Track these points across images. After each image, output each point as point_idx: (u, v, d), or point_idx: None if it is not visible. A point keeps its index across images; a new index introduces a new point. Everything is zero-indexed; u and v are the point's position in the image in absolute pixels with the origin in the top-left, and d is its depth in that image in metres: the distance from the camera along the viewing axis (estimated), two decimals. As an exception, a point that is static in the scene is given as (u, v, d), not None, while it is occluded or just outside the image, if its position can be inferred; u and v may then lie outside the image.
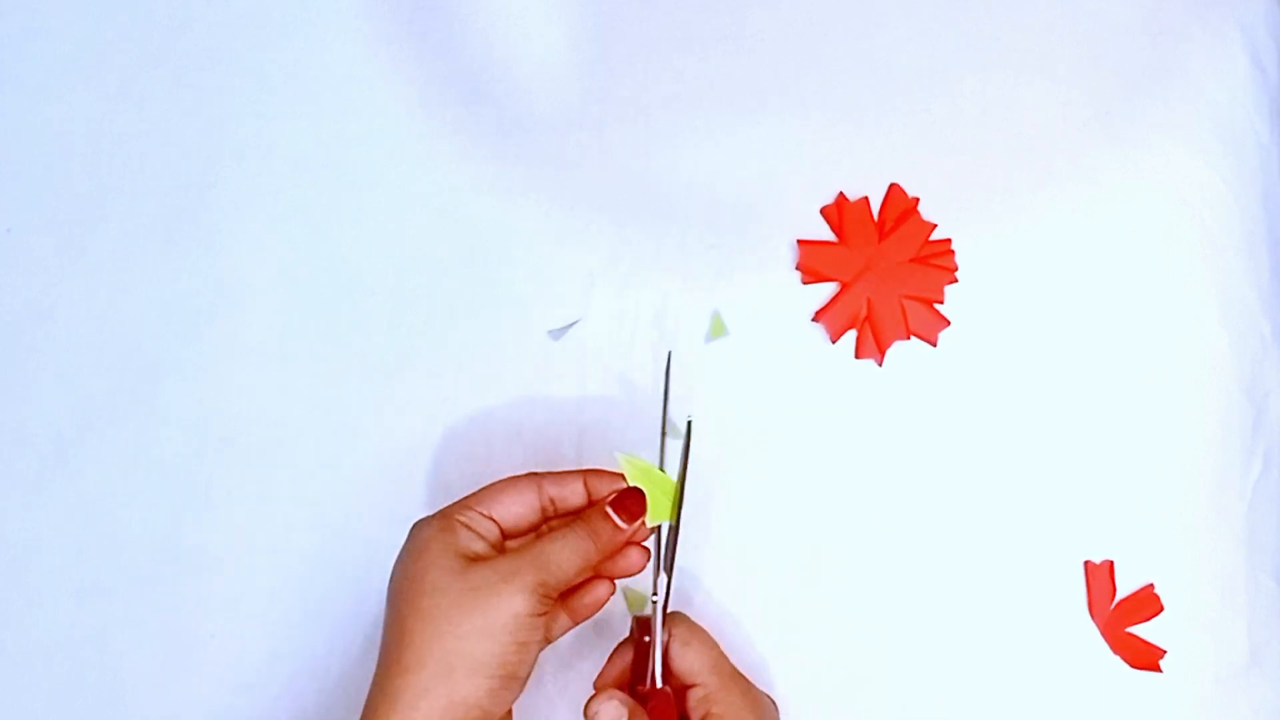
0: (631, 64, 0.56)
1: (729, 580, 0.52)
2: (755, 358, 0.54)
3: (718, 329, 0.54)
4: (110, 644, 0.51)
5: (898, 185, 0.55)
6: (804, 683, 0.51)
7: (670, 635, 0.44)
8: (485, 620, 0.38)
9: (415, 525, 0.42)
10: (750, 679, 0.44)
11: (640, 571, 0.44)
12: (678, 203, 0.55)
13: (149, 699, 0.51)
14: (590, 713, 0.41)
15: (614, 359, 0.54)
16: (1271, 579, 0.54)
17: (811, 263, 0.54)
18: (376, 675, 0.39)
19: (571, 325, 0.54)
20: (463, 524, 0.41)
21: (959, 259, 0.54)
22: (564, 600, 0.44)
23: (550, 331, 0.54)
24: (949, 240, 0.54)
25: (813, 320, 0.54)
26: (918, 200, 0.55)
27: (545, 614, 0.40)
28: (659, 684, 0.43)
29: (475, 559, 0.40)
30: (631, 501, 0.43)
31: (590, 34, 0.57)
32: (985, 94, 0.56)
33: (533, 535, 0.44)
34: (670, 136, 0.55)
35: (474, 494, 0.43)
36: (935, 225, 0.55)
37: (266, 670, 0.51)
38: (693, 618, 0.45)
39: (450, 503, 0.43)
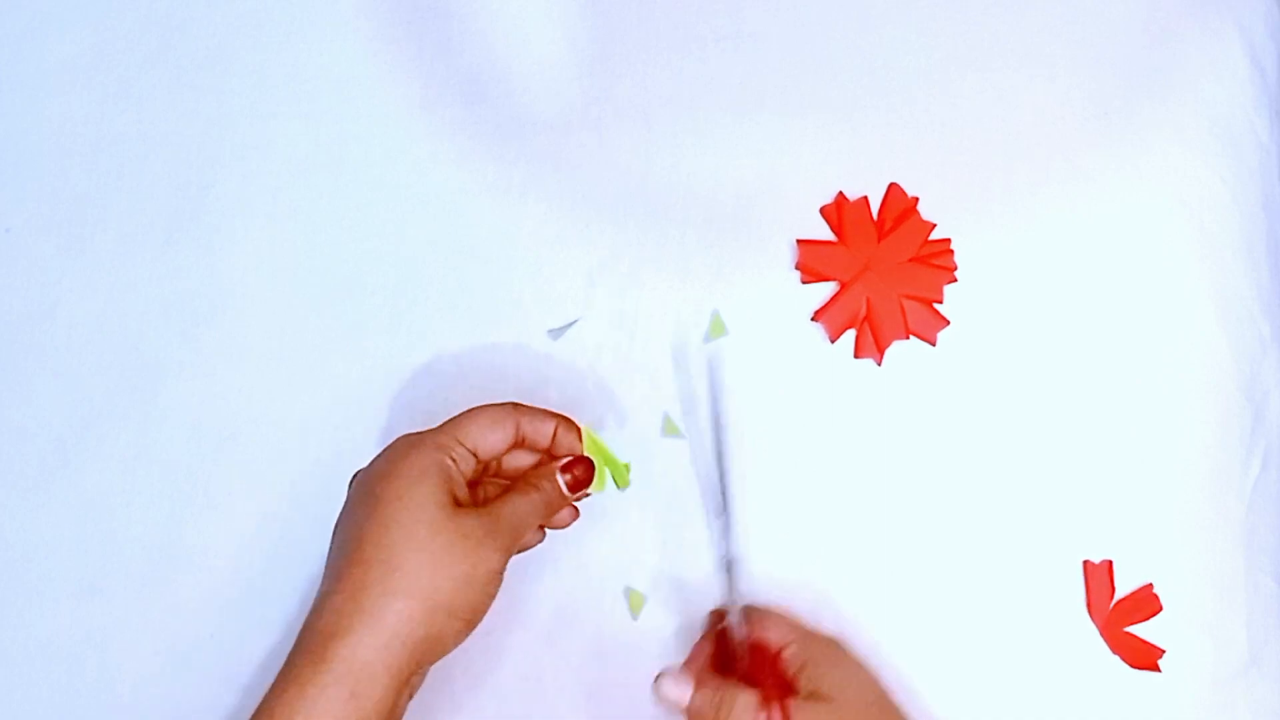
0: (631, 64, 0.56)
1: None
2: (755, 357, 0.54)
3: (717, 329, 0.54)
4: (110, 644, 0.51)
5: (897, 185, 0.55)
6: (803, 682, 0.51)
7: (749, 619, 0.45)
8: (471, 570, 0.40)
9: (405, 443, 0.43)
10: None
11: (565, 525, 0.47)
12: (677, 203, 0.55)
13: (149, 699, 0.51)
14: (656, 687, 0.44)
15: (614, 359, 0.54)
16: (1270, 579, 0.54)
17: (811, 262, 0.54)
18: (344, 586, 0.39)
19: (571, 325, 0.54)
20: (453, 460, 0.43)
21: (958, 259, 0.54)
22: None
23: (550, 331, 0.54)
24: (948, 240, 0.55)
25: (812, 320, 0.54)
26: (917, 200, 0.55)
27: (503, 571, 0.42)
28: (739, 638, 0.45)
29: (459, 504, 0.42)
30: (582, 470, 0.45)
31: (590, 34, 0.57)
32: (985, 94, 0.56)
33: (498, 488, 0.46)
34: (670, 136, 0.56)
35: (458, 420, 0.44)
36: (934, 225, 0.55)
37: (266, 670, 0.51)
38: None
39: (439, 426, 0.44)
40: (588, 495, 0.47)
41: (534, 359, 0.54)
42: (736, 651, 0.45)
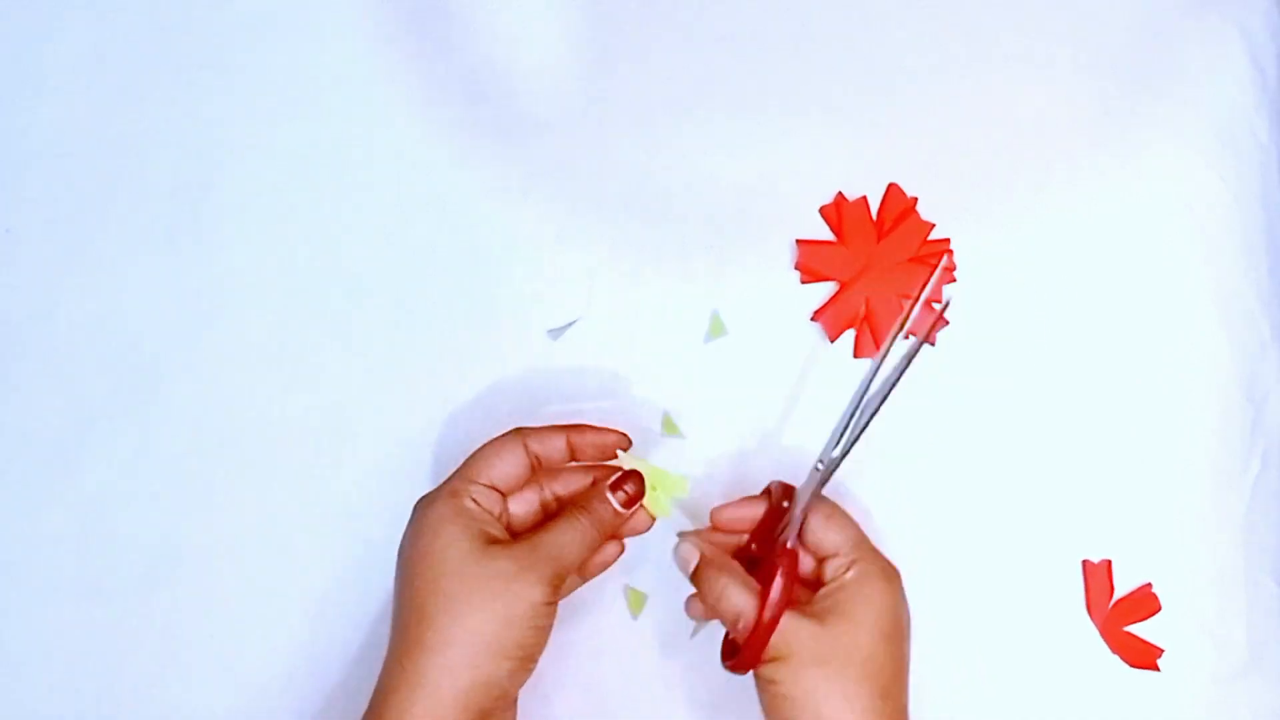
0: (631, 64, 0.56)
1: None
2: (754, 357, 0.54)
3: (716, 328, 0.54)
4: (110, 644, 0.51)
5: (896, 185, 0.55)
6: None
7: (814, 514, 0.45)
8: (507, 609, 0.40)
9: (423, 502, 0.44)
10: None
11: (642, 531, 0.46)
12: (677, 203, 0.55)
13: (149, 699, 0.51)
14: (677, 552, 0.45)
15: (614, 359, 0.54)
16: (1270, 579, 0.54)
17: (810, 262, 0.54)
18: (394, 653, 0.41)
19: (571, 325, 0.54)
20: (472, 502, 0.43)
21: (958, 259, 0.54)
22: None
23: (550, 331, 0.54)
24: (948, 240, 0.55)
25: (811, 319, 0.54)
26: (916, 200, 0.55)
27: (556, 600, 0.42)
28: (790, 543, 0.44)
29: (491, 540, 0.42)
30: (631, 484, 0.45)
31: (590, 34, 0.57)
32: (984, 94, 0.56)
33: (540, 515, 0.46)
34: (669, 136, 0.55)
35: (468, 463, 0.45)
36: (934, 225, 0.55)
37: (266, 670, 0.51)
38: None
39: (449, 476, 0.44)
40: (653, 519, 0.46)
41: (534, 359, 0.54)
42: (779, 534, 0.45)
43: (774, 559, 0.43)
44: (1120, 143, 0.56)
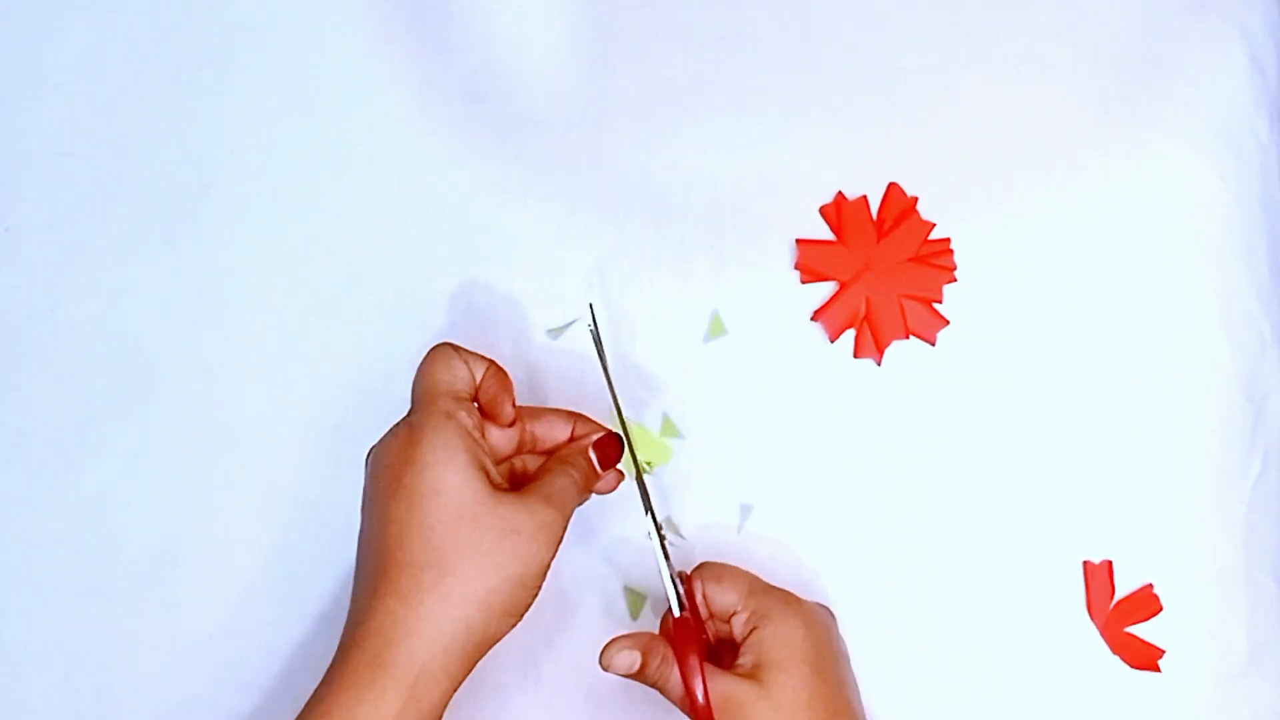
0: (631, 64, 0.56)
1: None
2: (754, 357, 0.54)
3: (716, 328, 0.54)
4: (110, 644, 0.51)
5: (896, 184, 0.55)
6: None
7: (703, 580, 0.45)
8: (523, 569, 0.39)
9: (417, 424, 0.41)
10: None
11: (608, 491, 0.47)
12: (677, 202, 0.55)
13: (149, 699, 0.51)
14: (603, 662, 0.43)
15: (614, 359, 0.54)
16: (1270, 579, 0.54)
17: (810, 262, 0.54)
18: (398, 591, 0.38)
19: (571, 325, 0.54)
20: (470, 426, 0.41)
21: (958, 258, 0.54)
22: None
23: (550, 331, 0.54)
24: (948, 239, 0.55)
25: (811, 319, 0.54)
26: (916, 199, 0.55)
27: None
28: (676, 614, 0.44)
29: (497, 486, 0.40)
30: (612, 448, 0.45)
31: (590, 34, 0.57)
32: (984, 93, 0.56)
33: (516, 452, 0.45)
34: (669, 136, 0.56)
35: (436, 379, 0.43)
36: (934, 224, 0.55)
37: (266, 670, 0.51)
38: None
39: (425, 396, 0.42)
40: (621, 478, 0.47)
41: (534, 359, 0.54)
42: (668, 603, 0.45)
43: (675, 632, 0.43)
44: (1120, 142, 0.56)
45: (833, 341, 0.54)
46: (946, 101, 0.56)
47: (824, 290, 0.54)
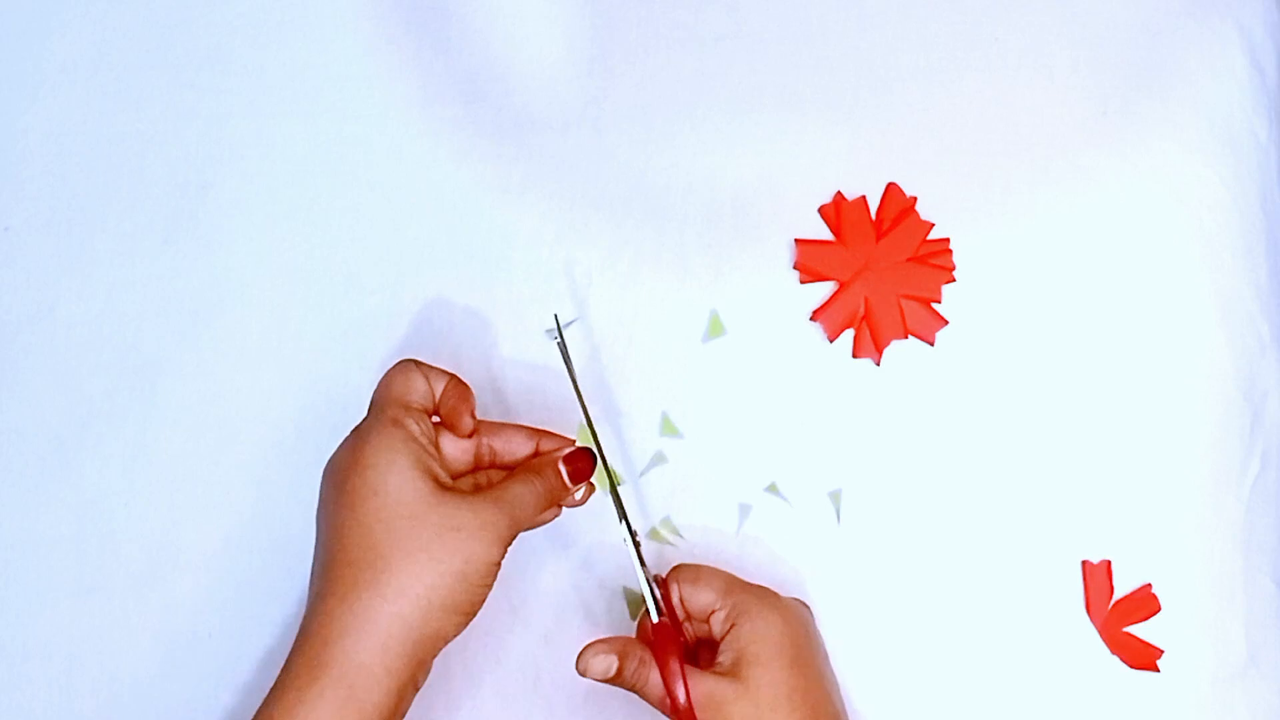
0: (630, 63, 0.56)
1: (727, 579, 0.52)
2: (753, 357, 0.54)
3: (715, 328, 0.54)
4: (110, 644, 0.51)
5: (895, 185, 0.55)
6: (802, 682, 0.51)
7: (679, 583, 0.46)
8: (464, 565, 0.39)
9: (361, 432, 0.42)
10: None
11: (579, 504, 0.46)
12: (676, 202, 0.55)
13: (149, 699, 0.51)
14: (579, 667, 0.43)
15: (612, 359, 0.54)
16: (1269, 579, 0.54)
17: (809, 262, 0.54)
18: (337, 592, 0.39)
19: (570, 325, 0.54)
20: (418, 431, 0.42)
21: (957, 258, 0.54)
22: None
23: (549, 331, 0.54)
24: (947, 239, 0.55)
25: (810, 319, 0.54)
26: (915, 199, 0.55)
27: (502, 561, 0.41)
28: (654, 619, 0.44)
29: (441, 483, 0.41)
30: (583, 462, 0.45)
31: (589, 33, 0.57)
32: (983, 93, 0.56)
33: (472, 466, 0.45)
34: (668, 136, 0.56)
35: (393, 390, 0.44)
36: (933, 225, 0.55)
37: (265, 670, 0.51)
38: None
39: (377, 405, 0.43)
40: (592, 491, 0.47)
41: (533, 358, 0.54)
42: (645, 609, 0.45)
43: (654, 637, 0.44)
44: (1119, 142, 0.56)
45: (832, 341, 0.54)
46: (946, 101, 0.56)
47: (823, 290, 0.54)
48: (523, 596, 0.52)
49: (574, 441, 0.46)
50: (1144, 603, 0.52)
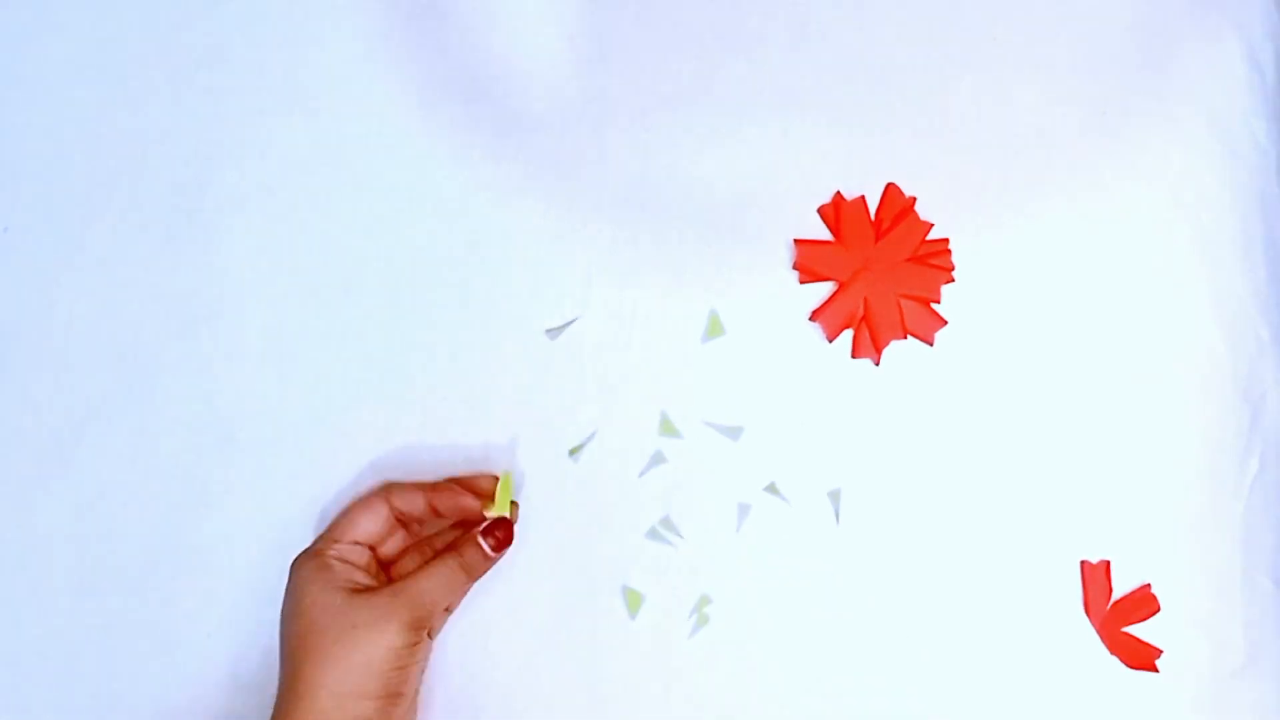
0: (629, 64, 0.56)
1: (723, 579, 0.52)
2: (752, 357, 0.54)
3: (715, 328, 0.54)
4: (109, 643, 0.51)
5: (894, 185, 0.55)
6: (797, 682, 0.51)
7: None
8: (365, 656, 0.44)
9: (294, 563, 0.47)
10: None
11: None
12: (675, 202, 0.55)
13: (149, 699, 0.51)
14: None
15: (612, 358, 0.54)
16: (1268, 579, 0.54)
17: (808, 262, 0.54)
18: (275, 704, 0.45)
19: (570, 324, 0.54)
20: (335, 559, 0.47)
21: (956, 259, 0.54)
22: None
23: (548, 331, 0.54)
24: (946, 240, 0.55)
25: (810, 319, 0.54)
26: (915, 200, 0.55)
27: (421, 640, 0.46)
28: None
29: (356, 590, 0.46)
30: (502, 531, 0.48)
31: (588, 34, 0.57)
32: (982, 94, 0.56)
33: (404, 546, 0.50)
34: (668, 136, 0.56)
35: (335, 522, 0.49)
36: (932, 225, 0.55)
37: (266, 670, 0.51)
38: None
39: (322, 537, 0.48)
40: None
41: (532, 359, 0.54)
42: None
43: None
44: (1118, 143, 0.56)
45: (831, 341, 0.54)
46: (945, 101, 0.56)
47: (822, 290, 0.54)
48: (522, 596, 0.52)
49: (478, 492, 0.49)
50: (1143, 603, 0.53)
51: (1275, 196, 0.57)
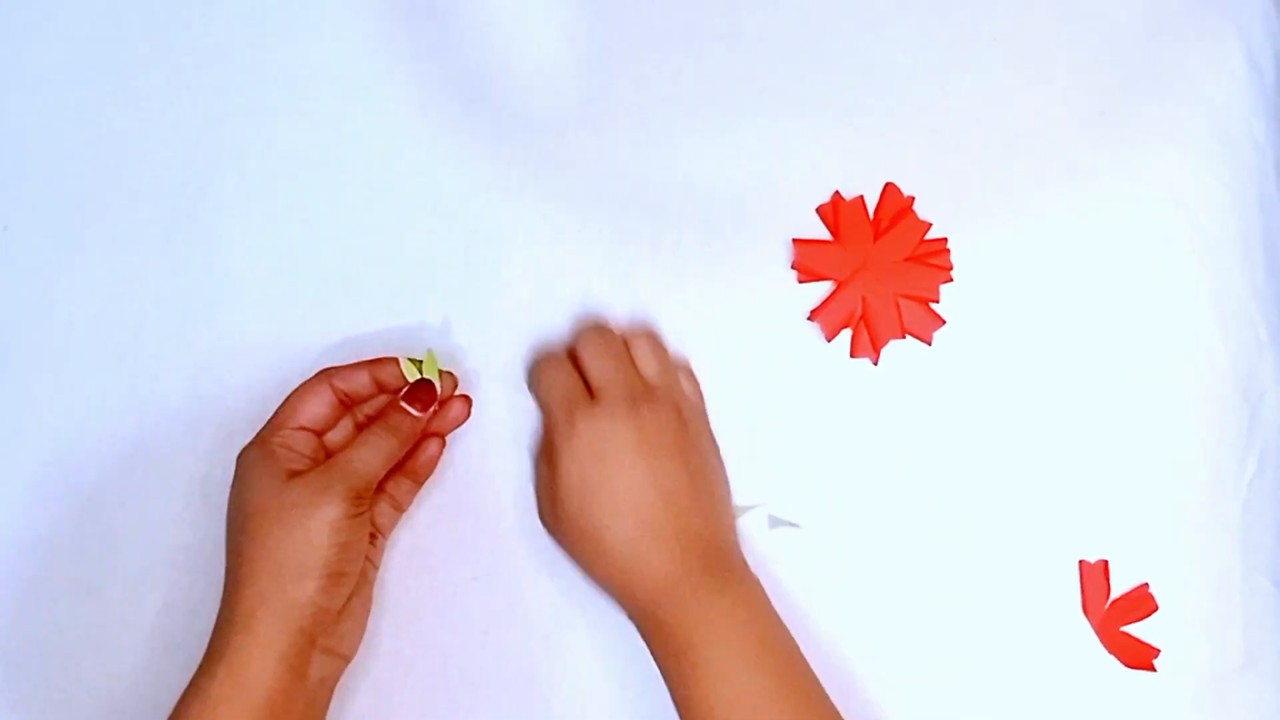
0: (629, 63, 0.56)
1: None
2: (751, 356, 0.54)
3: (714, 328, 0.54)
4: (109, 644, 0.51)
5: (893, 184, 0.55)
6: (799, 681, 0.52)
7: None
8: (304, 532, 0.43)
9: (240, 454, 0.47)
10: None
11: (463, 421, 0.51)
12: (674, 202, 0.55)
13: (148, 699, 0.51)
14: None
15: (611, 358, 0.54)
16: (1266, 579, 0.54)
17: (807, 261, 0.54)
18: (222, 596, 0.45)
19: (569, 324, 0.54)
20: (279, 445, 0.47)
21: (954, 258, 0.54)
22: (400, 470, 0.49)
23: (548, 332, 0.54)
24: (944, 239, 0.55)
25: (808, 319, 0.54)
26: (913, 199, 0.55)
27: (361, 513, 0.45)
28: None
29: (296, 474, 0.45)
30: (423, 392, 0.48)
31: (587, 33, 0.57)
32: (981, 93, 0.56)
33: (353, 436, 0.49)
34: (667, 136, 0.56)
35: (278, 410, 0.48)
36: (930, 224, 0.55)
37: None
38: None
39: (266, 425, 0.48)
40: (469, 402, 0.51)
41: (531, 358, 0.54)
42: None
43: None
44: (1117, 143, 0.56)
45: (829, 341, 0.54)
46: (944, 101, 0.56)
47: (821, 290, 0.54)
48: (522, 596, 0.52)
49: (393, 360, 0.50)
50: (1141, 602, 0.53)
51: (1275, 196, 0.57)
